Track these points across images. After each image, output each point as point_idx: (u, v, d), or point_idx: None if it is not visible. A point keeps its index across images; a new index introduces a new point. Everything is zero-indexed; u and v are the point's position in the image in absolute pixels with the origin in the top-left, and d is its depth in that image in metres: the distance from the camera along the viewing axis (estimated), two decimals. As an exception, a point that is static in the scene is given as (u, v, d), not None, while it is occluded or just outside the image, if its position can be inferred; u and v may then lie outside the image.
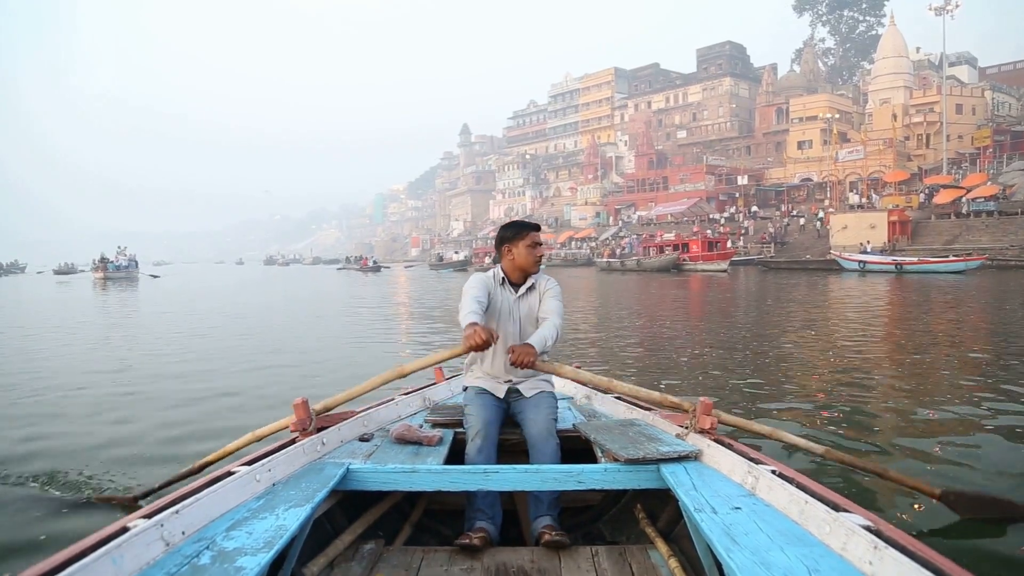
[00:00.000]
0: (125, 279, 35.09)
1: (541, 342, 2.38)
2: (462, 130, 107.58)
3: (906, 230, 34.77)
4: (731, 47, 65.41)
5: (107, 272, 35.47)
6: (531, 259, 2.60)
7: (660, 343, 8.56)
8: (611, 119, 74.40)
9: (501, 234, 2.66)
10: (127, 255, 38.65)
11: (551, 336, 2.45)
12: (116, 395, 5.53)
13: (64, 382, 6.14)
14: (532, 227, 2.64)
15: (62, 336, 10.24)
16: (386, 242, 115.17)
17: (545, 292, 2.63)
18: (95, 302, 20.28)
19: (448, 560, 1.95)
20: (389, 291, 24.33)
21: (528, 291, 2.63)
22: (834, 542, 1.40)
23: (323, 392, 2.79)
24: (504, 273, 2.64)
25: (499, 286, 2.62)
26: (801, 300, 15.66)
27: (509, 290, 2.63)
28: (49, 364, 7.38)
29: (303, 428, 2.16)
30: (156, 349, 8.48)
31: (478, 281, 2.56)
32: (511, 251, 2.61)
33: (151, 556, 1.34)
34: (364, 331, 10.64)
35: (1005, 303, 13.68)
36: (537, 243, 2.62)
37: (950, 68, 53.05)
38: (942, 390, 5.29)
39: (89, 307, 18.18)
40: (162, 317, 14.12)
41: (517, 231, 2.62)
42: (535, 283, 2.65)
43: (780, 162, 52.93)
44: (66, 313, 15.79)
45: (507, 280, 2.63)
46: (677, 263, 34.51)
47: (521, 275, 2.64)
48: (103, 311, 16.90)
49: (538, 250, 2.63)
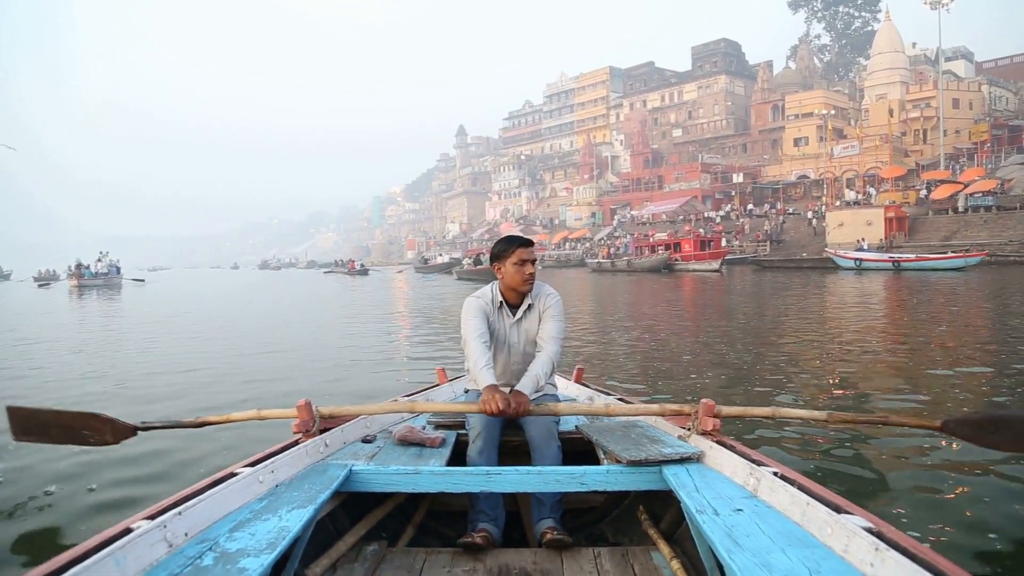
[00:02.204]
0: (104, 286, 33.72)
1: (533, 384, 2.37)
2: (458, 131, 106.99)
3: (903, 226, 34.17)
4: (726, 44, 64.80)
5: (82, 279, 34.21)
6: (519, 277, 2.51)
7: (639, 348, 7.97)
8: (606, 118, 73.86)
9: (493, 251, 2.59)
10: (108, 261, 37.27)
11: (544, 373, 2.43)
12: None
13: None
14: (521, 243, 2.54)
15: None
16: (383, 245, 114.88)
17: (545, 311, 2.57)
18: (52, 310, 19.68)
19: (451, 561, 1.95)
20: (365, 295, 23.76)
21: (526, 312, 2.57)
22: (836, 544, 1.39)
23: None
24: (501, 293, 2.57)
25: (496, 310, 2.56)
26: (792, 302, 14.99)
27: (507, 314, 2.57)
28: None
29: (306, 429, 2.16)
30: (67, 362, 7.92)
31: (477, 311, 2.50)
32: (501, 269, 2.54)
33: (154, 557, 1.35)
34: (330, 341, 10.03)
35: (1010, 300, 13.05)
36: (526, 260, 2.51)
37: (946, 63, 52.51)
38: (949, 398, 4.90)
39: (43, 317, 17.59)
40: (108, 328, 13.55)
41: (505, 247, 2.54)
42: (534, 302, 2.58)
43: (776, 159, 52.50)
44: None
45: (504, 303, 2.56)
46: (668, 263, 33.90)
47: (515, 294, 2.57)
48: (55, 320, 16.31)
49: (527, 267, 2.51)
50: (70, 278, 35.54)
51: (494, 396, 2.17)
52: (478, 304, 2.53)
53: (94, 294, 27.28)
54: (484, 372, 2.32)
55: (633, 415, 2.47)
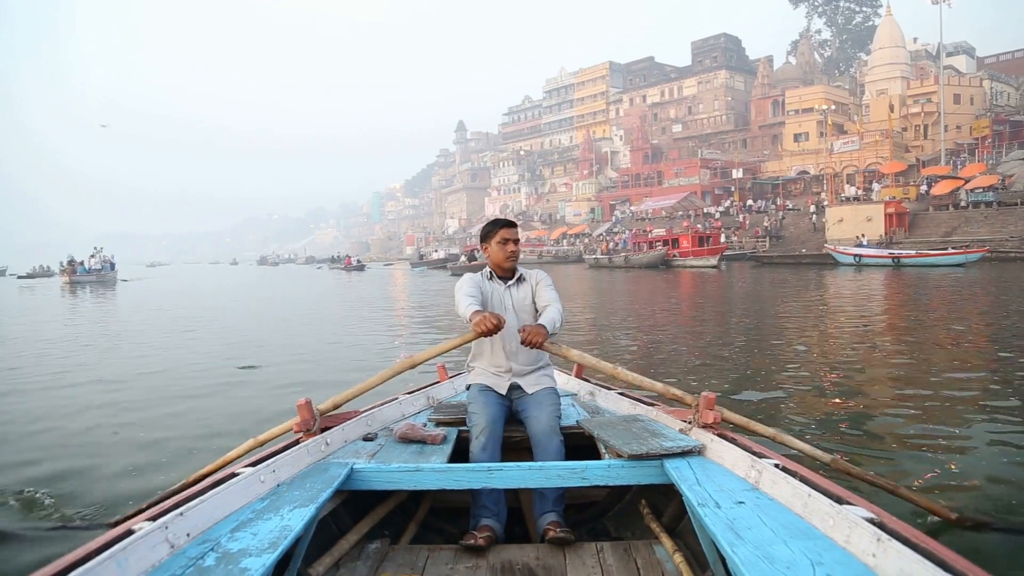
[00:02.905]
0: (96, 282, 33.15)
1: (551, 323, 2.41)
2: (458, 127, 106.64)
3: (903, 222, 33.88)
4: (726, 39, 64.41)
5: (73, 276, 33.44)
6: (502, 254, 2.63)
7: (633, 347, 7.77)
8: (606, 114, 73.50)
9: (481, 233, 2.75)
10: (103, 257, 36.57)
11: (558, 319, 2.47)
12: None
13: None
14: (504, 224, 2.68)
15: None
16: (382, 240, 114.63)
17: (538, 283, 2.66)
18: (34, 308, 19.49)
19: (454, 558, 1.95)
20: (362, 290, 23.53)
21: (518, 282, 2.67)
22: (837, 535, 1.40)
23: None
24: (491, 271, 2.69)
25: (487, 280, 2.67)
26: (789, 300, 14.82)
27: (497, 282, 2.67)
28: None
29: (307, 428, 2.15)
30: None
31: (467, 279, 2.60)
32: (487, 248, 2.67)
33: (156, 558, 1.35)
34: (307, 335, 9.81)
35: (1012, 298, 12.83)
36: (508, 239, 2.64)
37: (947, 58, 52.19)
38: (953, 400, 4.76)
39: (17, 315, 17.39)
40: (80, 326, 13.36)
41: (491, 228, 2.68)
42: (524, 276, 2.69)
43: (776, 155, 52.19)
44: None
45: (494, 275, 2.68)
46: (666, 259, 33.67)
47: (502, 271, 2.68)
48: (35, 318, 16.12)
49: (509, 246, 2.64)
50: (63, 274, 34.93)
51: (485, 316, 2.22)
52: (470, 275, 2.66)
53: (88, 292, 26.78)
54: (472, 305, 2.37)
55: (636, 385, 2.46)
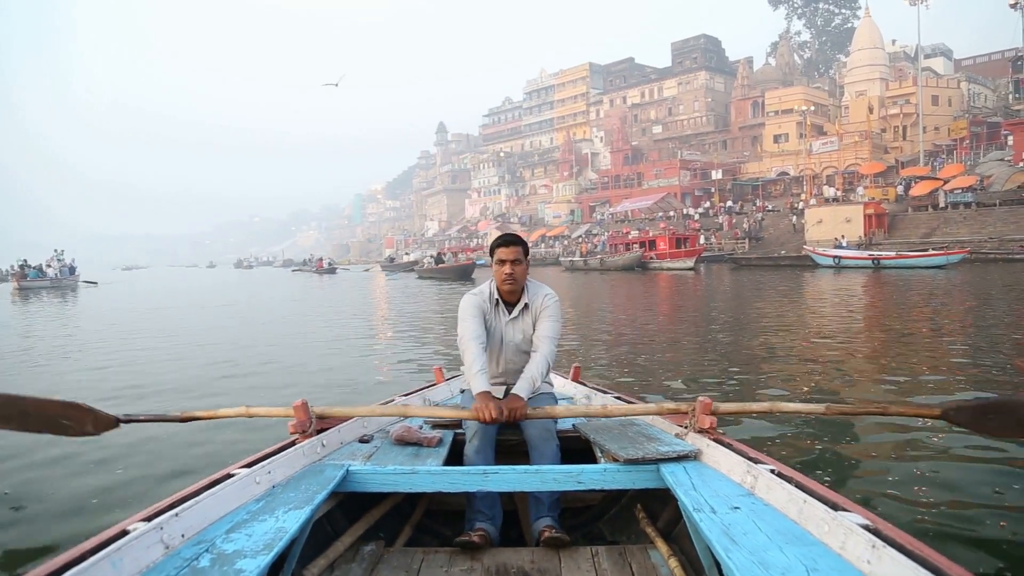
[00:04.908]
0: (52, 288, 30.68)
1: (529, 387, 2.33)
2: (438, 128, 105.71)
3: (882, 223, 33.57)
4: (706, 40, 64.11)
5: (23, 281, 30.83)
6: (498, 278, 2.51)
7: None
8: (586, 115, 72.94)
9: (489, 249, 2.62)
10: (61, 261, 34.29)
11: (540, 374, 2.39)
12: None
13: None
14: (500, 243, 2.52)
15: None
16: (363, 243, 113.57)
17: (542, 311, 2.53)
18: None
19: (448, 561, 1.95)
20: (325, 297, 22.54)
21: (522, 312, 2.55)
22: (833, 541, 1.39)
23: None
24: (497, 291, 2.56)
25: (492, 308, 2.55)
26: (766, 305, 14.04)
27: (503, 312, 2.56)
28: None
29: (303, 430, 2.14)
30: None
31: (474, 310, 2.48)
32: (492, 268, 2.57)
33: (150, 559, 1.35)
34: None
35: (995, 301, 12.16)
36: (503, 260, 2.47)
37: (925, 60, 52.23)
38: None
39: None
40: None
41: (493, 246, 2.55)
42: (530, 302, 2.54)
43: (756, 156, 51.99)
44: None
45: (501, 301, 2.55)
46: (643, 261, 32.97)
47: (504, 296, 2.55)
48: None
49: (506, 267, 2.47)
50: (13, 279, 32.70)
51: (488, 404, 2.13)
52: (475, 302, 2.50)
53: (40, 298, 24.63)
54: (479, 377, 2.26)
55: (630, 415, 2.39)
